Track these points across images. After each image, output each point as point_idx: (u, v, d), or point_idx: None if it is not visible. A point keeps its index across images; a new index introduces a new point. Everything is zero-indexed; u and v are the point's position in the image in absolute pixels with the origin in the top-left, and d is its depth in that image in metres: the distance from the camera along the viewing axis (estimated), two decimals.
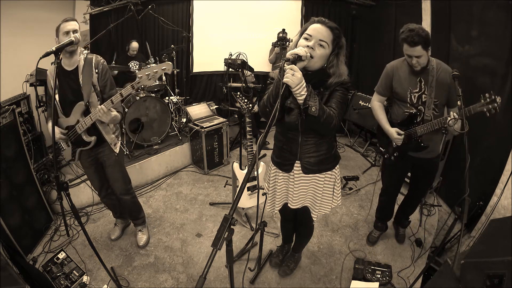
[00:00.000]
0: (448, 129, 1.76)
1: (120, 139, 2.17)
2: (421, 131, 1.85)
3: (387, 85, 1.98)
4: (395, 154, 2.03)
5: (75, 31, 1.78)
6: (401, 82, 1.90)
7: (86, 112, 1.90)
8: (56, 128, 1.95)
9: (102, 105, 1.79)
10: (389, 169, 2.20)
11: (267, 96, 1.44)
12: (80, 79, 1.88)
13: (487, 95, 1.59)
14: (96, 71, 1.93)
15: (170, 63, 1.79)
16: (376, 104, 2.07)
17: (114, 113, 1.89)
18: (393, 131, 1.93)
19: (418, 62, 1.77)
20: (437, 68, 1.79)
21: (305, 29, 1.36)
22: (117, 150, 2.10)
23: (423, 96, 1.84)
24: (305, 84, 1.26)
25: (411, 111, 1.89)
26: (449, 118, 1.68)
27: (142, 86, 3.62)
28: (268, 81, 1.57)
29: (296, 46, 1.37)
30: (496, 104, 1.56)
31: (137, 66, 3.85)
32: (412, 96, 1.87)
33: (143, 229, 2.47)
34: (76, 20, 1.84)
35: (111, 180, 2.19)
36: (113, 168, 2.13)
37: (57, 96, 1.93)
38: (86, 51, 1.96)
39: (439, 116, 1.86)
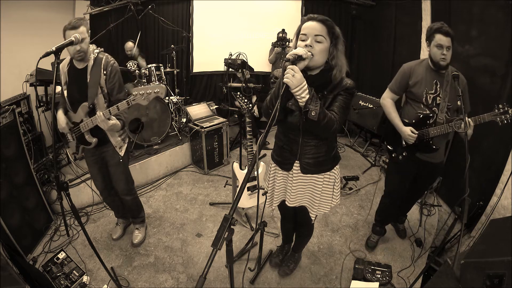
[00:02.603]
0: (460, 135, 1.78)
1: (127, 142, 2.13)
2: (434, 133, 1.88)
3: (402, 84, 1.99)
4: (403, 154, 2.03)
5: (79, 40, 1.72)
6: (418, 82, 1.91)
7: (91, 113, 1.87)
8: (63, 117, 1.95)
9: (101, 113, 1.75)
10: (395, 170, 2.18)
11: (269, 97, 1.45)
12: (88, 80, 1.84)
13: (500, 106, 1.65)
14: (105, 72, 1.86)
15: (164, 86, 1.69)
16: (389, 101, 2.07)
17: (113, 121, 1.81)
18: (407, 130, 1.92)
19: (446, 56, 1.78)
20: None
21: (299, 31, 1.37)
22: (122, 153, 2.07)
23: (438, 98, 1.87)
24: (306, 86, 1.26)
25: (425, 112, 1.91)
26: (462, 124, 1.69)
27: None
28: (272, 80, 1.57)
29: (295, 48, 1.37)
30: (508, 115, 1.63)
31: (135, 66, 3.85)
32: (428, 97, 1.89)
33: (141, 228, 2.47)
34: (80, 27, 1.73)
35: (113, 179, 2.19)
36: (116, 168, 2.12)
37: (65, 92, 1.92)
38: (97, 50, 1.90)
39: (451, 120, 1.88)
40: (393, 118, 2.02)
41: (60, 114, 1.97)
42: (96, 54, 1.87)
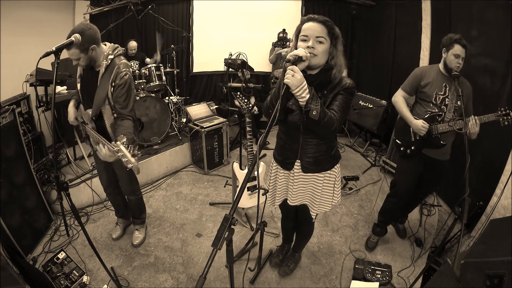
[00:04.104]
0: (469, 132, 1.88)
1: (137, 156, 1.99)
2: (442, 129, 2.00)
3: (414, 85, 2.13)
4: (412, 148, 2.14)
5: (79, 41, 1.59)
6: (430, 83, 2.06)
7: (96, 122, 1.79)
8: (73, 110, 1.94)
9: (106, 147, 1.49)
10: (403, 166, 2.29)
11: (270, 97, 1.46)
12: (97, 86, 1.75)
13: (502, 109, 1.80)
14: (113, 84, 1.72)
15: (135, 163, 1.44)
16: (401, 98, 2.21)
17: (119, 154, 1.47)
18: (419, 122, 2.05)
19: (460, 64, 1.93)
20: (460, 81, 1.95)
21: (299, 31, 1.37)
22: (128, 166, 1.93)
23: (446, 99, 2.01)
24: (306, 86, 1.26)
25: (434, 110, 2.05)
26: (470, 122, 1.84)
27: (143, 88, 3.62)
28: (272, 80, 1.58)
29: (296, 49, 1.37)
30: (509, 117, 1.77)
31: (137, 66, 3.85)
32: (437, 97, 2.03)
33: (141, 229, 2.47)
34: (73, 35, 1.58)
35: (118, 178, 2.20)
36: (120, 171, 2.12)
37: (78, 85, 1.90)
38: (111, 56, 1.72)
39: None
40: (404, 113, 2.15)
41: (70, 107, 1.94)
42: (109, 61, 1.71)
